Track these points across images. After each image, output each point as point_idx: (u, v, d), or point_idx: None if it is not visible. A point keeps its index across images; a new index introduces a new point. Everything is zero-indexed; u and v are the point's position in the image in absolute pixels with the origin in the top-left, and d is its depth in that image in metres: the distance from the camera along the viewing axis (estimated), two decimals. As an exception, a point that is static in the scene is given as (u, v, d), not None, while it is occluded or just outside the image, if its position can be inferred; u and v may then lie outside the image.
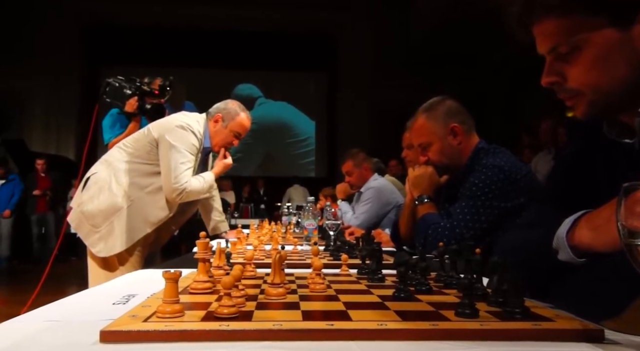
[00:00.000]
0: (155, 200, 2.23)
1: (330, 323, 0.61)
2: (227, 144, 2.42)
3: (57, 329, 0.66)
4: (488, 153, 1.68)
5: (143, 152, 2.26)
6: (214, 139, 2.40)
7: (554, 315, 0.67)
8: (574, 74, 0.82)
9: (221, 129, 2.38)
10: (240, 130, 2.42)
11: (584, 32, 0.79)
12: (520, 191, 1.55)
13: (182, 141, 2.20)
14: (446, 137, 1.73)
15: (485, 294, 0.76)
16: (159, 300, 0.67)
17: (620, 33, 0.77)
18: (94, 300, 0.86)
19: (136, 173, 2.24)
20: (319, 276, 0.85)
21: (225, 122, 2.37)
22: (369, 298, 0.79)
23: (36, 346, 0.59)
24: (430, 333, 0.60)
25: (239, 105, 2.46)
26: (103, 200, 2.18)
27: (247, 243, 1.84)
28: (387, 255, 1.29)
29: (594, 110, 0.84)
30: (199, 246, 0.87)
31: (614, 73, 0.79)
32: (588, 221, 0.79)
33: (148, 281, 1.07)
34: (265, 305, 0.73)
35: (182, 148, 2.19)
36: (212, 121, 2.40)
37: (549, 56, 0.85)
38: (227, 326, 0.60)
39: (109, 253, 2.14)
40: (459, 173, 1.73)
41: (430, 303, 0.74)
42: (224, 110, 2.40)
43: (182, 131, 2.23)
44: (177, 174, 2.15)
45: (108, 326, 0.60)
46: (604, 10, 0.77)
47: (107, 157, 2.35)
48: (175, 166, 2.15)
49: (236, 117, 2.39)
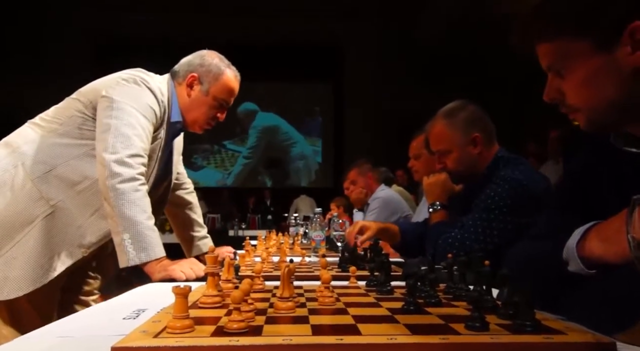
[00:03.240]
0: (92, 203, 1.46)
1: (340, 338, 0.61)
2: (210, 119, 1.68)
3: (69, 345, 0.67)
4: (508, 163, 1.62)
5: (72, 126, 1.49)
6: (192, 112, 1.64)
7: (565, 327, 0.66)
8: (569, 92, 0.86)
9: (200, 97, 1.62)
10: (227, 96, 1.67)
11: (572, 55, 0.83)
12: (538, 207, 1.44)
13: (130, 98, 1.46)
14: (466, 146, 1.67)
15: (495, 306, 0.75)
16: (169, 315, 0.67)
17: (604, 56, 0.80)
18: (105, 315, 0.87)
19: (60, 160, 1.46)
20: (328, 290, 0.85)
21: (204, 85, 1.62)
22: (378, 311, 0.79)
23: None
24: (440, 347, 0.59)
25: (220, 57, 1.68)
26: (3, 206, 1.40)
27: (255, 255, 1.84)
28: (395, 266, 1.28)
29: (593, 126, 0.87)
30: (208, 260, 0.87)
31: (601, 94, 0.82)
32: (598, 232, 0.79)
33: (157, 294, 1.07)
34: (274, 319, 0.73)
35: (130, 108, 1.44)
36: (185, 85, 1.63)
37: (549, 73, 0.89)
38: (237, 342, 0.60)
39: (10, 295, 1.37)
40: (476, 183, 1.67)
41: (440, 316, 0.74)
42: (201, 68, 1.63)
43: (133, 85, 1.49)
44: (120, 141, 1.38)
45: (119, 343, 0.60)
46: (588, 35, 0.81)
47: (12, 138, 1.52)
48: (116, 127, 1.39)
49: (220, 77, 1.63)
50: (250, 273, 1.22)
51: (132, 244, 1.32)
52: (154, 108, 1.52)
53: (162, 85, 1.60)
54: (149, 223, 1.37)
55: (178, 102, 1.63)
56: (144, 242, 1.33)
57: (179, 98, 1.64)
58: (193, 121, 1.67)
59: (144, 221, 1.35)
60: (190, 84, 1.63)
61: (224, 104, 1.67)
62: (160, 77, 1.64)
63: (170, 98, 1.61)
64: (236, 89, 1.69)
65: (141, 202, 1.38)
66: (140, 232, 1.33)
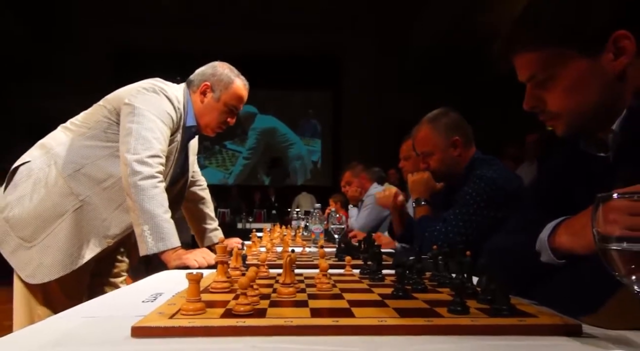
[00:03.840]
0: (116, 199, 1.49)
1: (336, 320, 0.61)
2: (222, 124, 1.71)
3: (93, 325, 0.67)
4: (483, 164, 1.66)
5: (98, 130, 1.52)
6: (205, 117, 1.67)
7: (537, 311, 0.67)
8: (552, 99, 0.83)
9: (212, 103, 1.65)
10: (237, 103, 1.70)
11: (557, 63, 0.80)
12: (510, 202, 1.50)
13: (150, 105, 1.49)
14: (448, 148, 1.72)
15: (475, 292, 0.76)
16: (183, 299, 0.68)
17: (589, 62, 0.79)
18: (126, 298, 0.87)
19: (88, 160, 1.49)
20: (326, 277, 0.86)
21: (216, 93, 1.65)
22: (371, 296, 0.80)
23: (75, 340, 0.60)
24: (425, 328, 0.60)
25: (230, 68, 1.71)
26: (37, 200, 1.43)
27: (261, 245, 1.84)
28: (386, 256, 1.29)
29: (571, 130, 0.85)
30: (218, 250, 0.87)
31: (587, 97, 0.80)
32: (567, 226, 0.79)
33: (173, 280, 1.07)
34: (277, 303, 0.73)
35: (150, 114, 1.47)
36: (199, 93, 1.66)
37: (528, 84, 0.86)
38: (243, 323, 0.61)
39: (44, 279, 1.40)
40: (456, 181, 1.71)
41: (426, 301, 0.74)
42: (213, 78, 1.66)
43: (152, 94, 1.52)
44: (141, 143, 1.42)
45: (138, 323, 0.60)
46: (574, 43, 0.79)
47: (46, 141, 1.56)
48: (137, 131, 1.43)
49: (230, 86, 1.66)
50: (256, 262, 1.22)
51: (150, 235, 1.35)
52: (171, 114, 1.55)
53: (178, 93, 1.62)
54: (166, 216, 1.39)
55: (193, 108, 1.66)
56: (161, 233, 1.36)
57: (193, 105, 1.67)
58: (206, 125, 1.69)
59: (161, 214, 1.38)
60: (203, 92, 1.66)
61: (233, 110, 1.70)
62: (176, 86, 1.66)
63: (185, 105, 1.64)
64: (245, 96, 1.72)
65: (159, 197, 1.40)
66: (158, 224, 1.36)
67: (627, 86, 0.79)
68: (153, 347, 0.55)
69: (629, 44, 0.77)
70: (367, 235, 1.38)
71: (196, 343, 0.56)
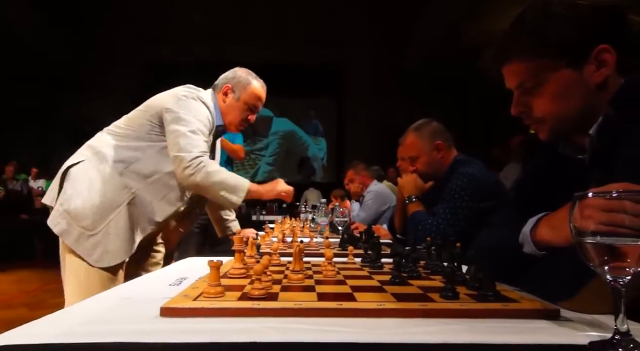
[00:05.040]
0: (161, 191, 1.52)
1: (340, 303, 0.61)
2: (244, 121, 1.73)
3: (127, 305, 0.68)
4: (463, 163, 1.69)
5: (142, 132, 1.53)
6: (228, 116, 1.70)
7: (520, 297, 0.67)
8: (538, 105, 0.82)
9: (233, 103, 1.69)
10: (255, 102, 1.72)
11: (547, 72, 0.80)
12: (490, 194, 1.55)
13: (192, 111, 1.53)
14: (432, 152, 1.77)
15: (464, 280, 0.76)
16: (205, 283, 0.69)
17: (575, 72, 0.78)
18: (155, 282, 0.88)
19: (135, 158, 1.52)
20: (331, 265, 0.86)
21: (236, 93, 1.69)
22: (371, 282, 0.79)
23: (111, 318, 0.61)
24: (420, 312, 0.60)
25: (248, 72, 1.75)
26: (95, 195, 1.44)
27: (273, 235, 1.85)
28: (384, 246, 1.29)
29: (554, 135, 0.85)
30: (235, 240, 0.88)
31: (570, 104, 0.80)
32: (548, 221, 0.79)
33: (196, 266, 1.08)
34: (287, 287, 0.73)
35: (193, 119, 1.51)
36: (222, 94, 1.70)
37: (516, 90, 0.85)
38: (257, 305, 0.61)
39: (111, 263, 1.42)
40: (441, 180, 1.74)
41: (420, 287, 0.74)
42: (233, 80, 1.70)
43: (192, 101, 1.55)
44: (189, 143, 1.46)
45: (166, 304, 0.61)
46: (563, 55, 0.78)
47: (93, 142, 1.56)
48: (186, 135, 1.47)
49: (248, 87, 1.69)
50: (269, 250, 1.23)
51: (227, 194, 1.49)
52: (209, 118, 1.60)
53: (208, 98, 1.65)
54: (226, 175, 1.50)
55: (220, 109, 1.69)
56: (233, 185, 1.51)
57: (219, 106, 1.70)
58: (229, 123, 1.72)
59: (223, 179, 1.49)
60: (225, 93, 1.70)
61: (253, 108, 1.72)
62: (205, 91, 1.68)
63: (214, 108, 1.66)
64: (262, 96, 1.74)
65: (216, 175, 1.49)
66: (226, 184, 1.49)
67: (604, 95, 0.78)
68: (179, 326, 0.55)
69: (610, 57, 0.77)
70: (368, 227, 1.38)
71: (217, 323, 0.57)
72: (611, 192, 0.50)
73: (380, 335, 0.52)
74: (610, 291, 0.49)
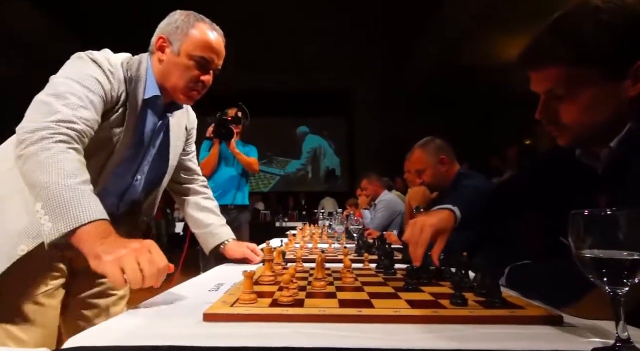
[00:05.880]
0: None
1: (359, 310, 0.61)
2: (191, 83, 1.01)
3: (172, 310, 0.68)
4: (467, 177, 1.69)
5: None
6: (168, 79, 1.01)
7: (525, 304, 0.65)
8: (567, 112, 0.73)
9: (172, 58, 1.00)
10: (204, 52, 1.00)
11: (581, 82, 0.69)
12: None
13: (65, 71, 0.90)
14: (437, 165, 1.77)
15: (472, 287, 0.74)
16: (240, 290, 0.69)
17: (611, 85, 0.69)
18: (196, 288, 0.87)
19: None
20: (349, 272, 0.86)
21: (175, 45, 1.00)
22: (386, 289, 0.78)
23: (163, 322, 0.61)
24: (432, 318, 0.59)
25: (189, 13, 1.03)
26: None
27: (296, 242, 1.85)
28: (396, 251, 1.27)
29: (576, 142, 0.76)
30: (265, 251, 0.88)
31: (600, 115, 0.71)
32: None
33: (232, 272, 1.07)
34: (312, 294, 0.73)
35: (61, 78, 0.88)
36: (156, 51, 1.02)
37: (544, 95, 0.75)
38: (287, 311, 0.61)
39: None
40: (446, 192, 1.73)
41: (431, 294, 0.73)
42: (168, 27, 1.01)
43: (74, 60, 0.93)
44: (39, 109, 0.82)
45: (208, 310, 0.62)
46: (604, 67, 0.68)
47: None
48: (37, 100, 0.84)
49: (190, 32, 1.00)
50: (293, 257, 1.23)
51: (46, 214, 0.71)
52: (98, 78, 0.90)
53: (114, 57, 0.98)
54: (67, 182, 0.73)
55: (154, 74, 1.02)
56: (61, 205, 0.71)
57: (154, 70, 1.02)
58: (173, 89, 1.02)
59: (60, 181, 0.73)
60: (160, 48, 1.01)
61: (202, 62, 1.01)
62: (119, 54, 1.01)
63: (143, 73, 1.00)
64: (215, 44, 1.02)
65: (53, 159, 0.75)
66: (54, 194, 0.72)
67: (632, 108, 0.70)
68: (220, 330, 0.56)
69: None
70: (381, 235, 1.38)
71: (253, 328, 0.57)
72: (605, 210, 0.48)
73: (398, 341, 0.51)
74: (610, 300, 0.47)
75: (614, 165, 0.72)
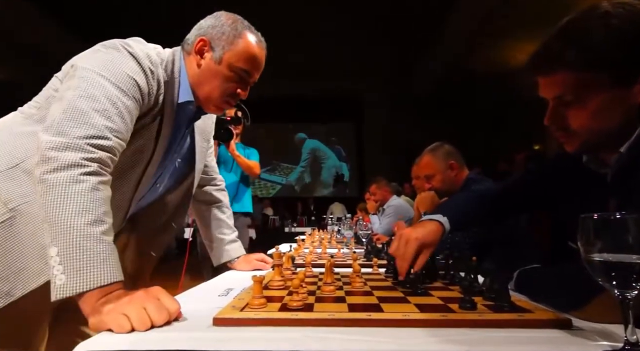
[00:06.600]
0: None
1: (369, 314, 0.61)
2: (227, 96, 0.94)
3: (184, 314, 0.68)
4: (475, 182, 1.68)
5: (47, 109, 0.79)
6: (202, 86, 0.92)
7: (534, 307, 0.65)
8: (575, 118, 0.71)
9: (212, 66, 0.91)
10: (246, 65, 0.93)
11: (590, 87, 0.68)
12: None
13: (100, 63, 0.77)
14: (446, 170, 1.77)
15: (481, 291, 0.73)
16: (249, 295, 0.69)
17: (621, 90, 0.67)
18: (205, 293, 0.88)
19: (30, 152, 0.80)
20: (359, 277, 0.85)
21: (217, 51, 0.91)
22: (395, 293, 0.78)
23: (172, 327, 0.61)
24: (441, 322, 0.59)
25: (237, 18, 0.94)
26: None
27: (305, 247, 1.86)
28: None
29: (584, 148, 0.75)
30: (275, 256, 0.89)
31: (610, 121, 0.70)
32: None
33: (241, 277, 1.07)
34: (321, 299, 0.73)
35: (96, 75, 0.75)
36: (194, 53, 0.92)
37: (552, 101, 0.73)
38: (296, 316, 0.61)
39: None
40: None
41: (440, 298, 0.72)
42: (213, 30, 0.92)
43: (109, 50, 0.81)
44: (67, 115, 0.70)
45: (218, 314, 0.62)
46: (614, 73, 0.67)
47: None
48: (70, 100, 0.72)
49: (237, 41, 0.91)
50: (302, 261, 1.24)
51: (61, 263, 0.62)
52: (137, 79, 0.80)
53: (155, 53, 0.87)
54: (94, 231, 0.65)
55: (188, 76, 0.92)
56: (81, 260, 0.63)
57: (188, 72, 0.92)
58: (206, 98, 0.93)
59: (82, 226, 0.64)
60: (199, 51, 0.92)
61: (243, 75, 0.93)
62: (154, 46, 0.90)
63: (177, 74, 0.90)
64: (259, 57, 0.95)
65: (81, 197, 0.66)
66: (74, 243, 0.63)
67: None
68: (230, 334, 0.56)
69: None
70: (389, 239, 1.37)
71: (262, 332, 0.58)
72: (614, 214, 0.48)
73: (407, 345, 0.51)
74: (619, 304, 0.47)
75: (624, 170, 0.71)
